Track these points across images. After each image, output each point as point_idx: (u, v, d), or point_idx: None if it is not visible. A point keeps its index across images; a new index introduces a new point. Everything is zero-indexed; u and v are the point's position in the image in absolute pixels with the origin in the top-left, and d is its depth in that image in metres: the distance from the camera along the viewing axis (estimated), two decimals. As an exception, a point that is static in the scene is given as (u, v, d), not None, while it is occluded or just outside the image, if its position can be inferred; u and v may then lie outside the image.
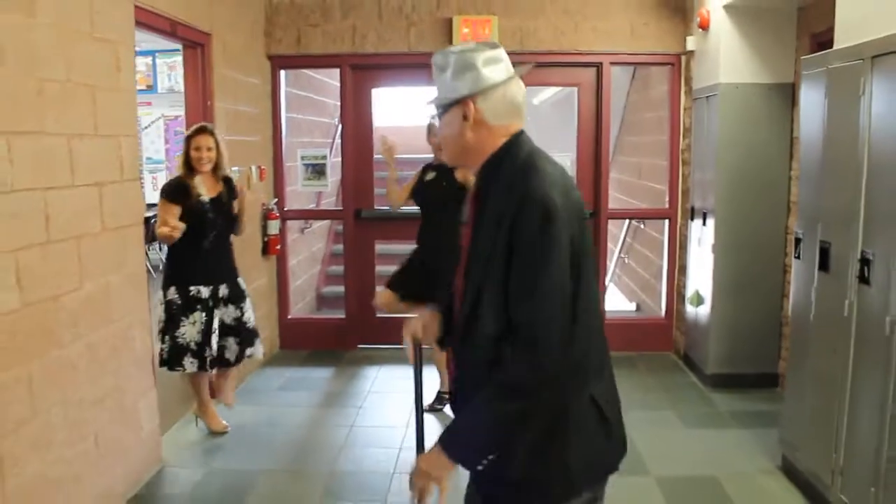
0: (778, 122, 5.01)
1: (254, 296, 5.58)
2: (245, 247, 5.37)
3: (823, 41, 4.24)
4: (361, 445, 4.41)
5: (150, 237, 6.85)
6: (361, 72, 6.09)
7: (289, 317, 6.34)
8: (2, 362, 2.77)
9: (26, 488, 2.91)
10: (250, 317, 4.52)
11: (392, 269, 4.91)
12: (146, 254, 5.67)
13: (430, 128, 4.71)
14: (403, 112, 9.36)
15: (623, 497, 3.06)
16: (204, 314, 4.28)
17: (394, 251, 7.48)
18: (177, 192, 4.22)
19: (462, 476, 1.88)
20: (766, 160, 5.00)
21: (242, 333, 4.46)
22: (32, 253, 2.96)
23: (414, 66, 6.00)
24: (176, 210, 4.17)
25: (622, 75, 7.91)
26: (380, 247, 6.57)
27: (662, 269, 6.32)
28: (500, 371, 1.70)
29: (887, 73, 2.94)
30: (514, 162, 1.80)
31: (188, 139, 4.30)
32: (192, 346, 4.25)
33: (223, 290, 4.37)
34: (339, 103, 7.65)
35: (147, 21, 3.96)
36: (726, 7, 4.95)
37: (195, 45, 4.70)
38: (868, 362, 3.13)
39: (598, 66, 5.95)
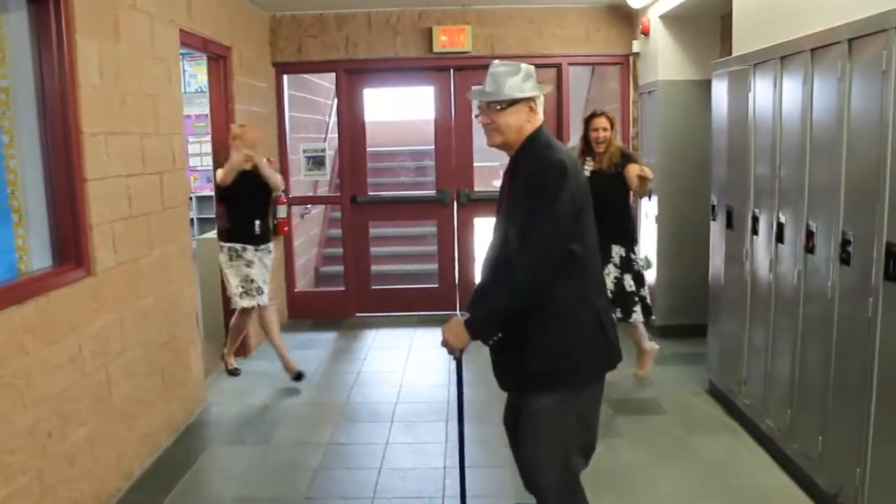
0: (706, 113, 5.90)
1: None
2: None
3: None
4: (368, 384, 5.36)
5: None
6: (354, 75, 7.01)
7: (296, 290, 7.25)
8: (106, 306, 3.69)
9: (122, 403, 3.83)
10: (628, 284, 4.96)
11: (382, 249, 5.47)
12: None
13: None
14: (391, 109, 10.20)
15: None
16: (619, 270, 4.94)
17: (384, 233, 8.44)
18: None
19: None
20: (697, 145, 5.91)
21: (617, 297, 4.90)
22: (120, 225, 3.86)
23: (399, 69, 6.96)
24: None
25: (584, 71, 8.84)
26: (372, 230, 7.48)
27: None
28: (507, 280, 2.48)
29: (763, 76, 3.92)
30: (540, 141, 2.59)
31: (587, 121, 4.98)
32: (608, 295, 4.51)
33: (616, 251, 4.96)
34: (330, 102, 8.55)
35: (186, 40, 4.84)
36: (662, 17, 5.94)
37: (219, 58, 5.58)
38: (760, 298, 4.11)
39: (559, 67, 6.90)
